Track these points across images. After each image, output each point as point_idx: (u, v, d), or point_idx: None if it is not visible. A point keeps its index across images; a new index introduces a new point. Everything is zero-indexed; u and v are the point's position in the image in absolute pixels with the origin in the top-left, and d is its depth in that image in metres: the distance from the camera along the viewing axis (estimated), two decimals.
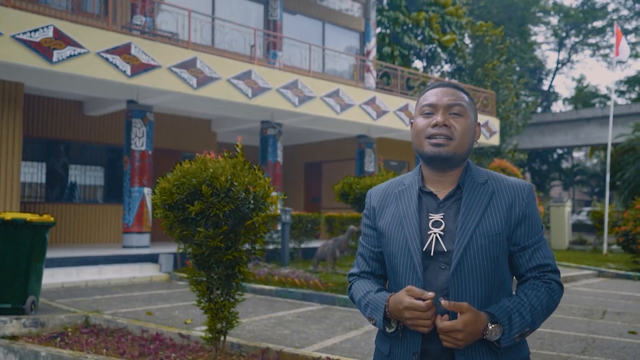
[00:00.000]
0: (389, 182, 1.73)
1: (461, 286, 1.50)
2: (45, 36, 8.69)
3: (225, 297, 4.70)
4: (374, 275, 1.71)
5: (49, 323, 5.77)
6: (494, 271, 1.53)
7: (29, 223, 5.84)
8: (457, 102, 1.58)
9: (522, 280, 1.60)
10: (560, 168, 38.89)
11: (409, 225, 1.57)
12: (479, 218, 1.53)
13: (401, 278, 1.57)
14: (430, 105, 1.59)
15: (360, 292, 1.65)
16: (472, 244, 1.51)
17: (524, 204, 1.57)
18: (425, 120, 1.59)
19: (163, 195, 4.52)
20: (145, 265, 9.71)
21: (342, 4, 17.15)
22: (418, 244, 1.54)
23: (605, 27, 38.78)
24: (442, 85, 1.63)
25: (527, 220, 1.57)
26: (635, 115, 26.47)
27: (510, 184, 1.60)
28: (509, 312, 1.48)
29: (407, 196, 1.62)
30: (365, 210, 1.75)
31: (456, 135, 1.56)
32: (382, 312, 1.54)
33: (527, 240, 1.57)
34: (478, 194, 1.57)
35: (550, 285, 1.56)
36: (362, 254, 1.74)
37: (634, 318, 7.13)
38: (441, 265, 1.53)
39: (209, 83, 10.86)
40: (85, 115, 12.90)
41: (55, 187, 12.98)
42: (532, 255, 1.58)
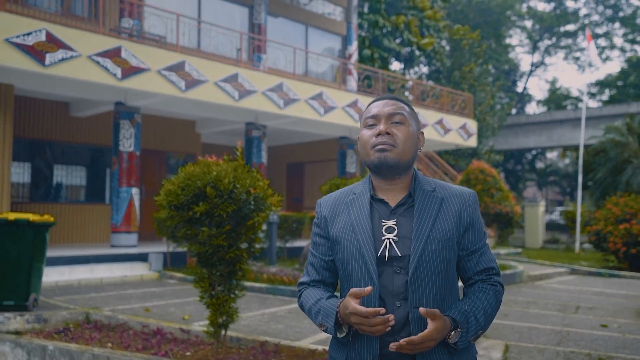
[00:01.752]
0: (339, 191, 1.77)
1: (419, 290, 1.54)
2: (38, 39, 8.83)
3: (226, 293, 4.98)
4: (324, 283, 1.73)
5: (52, 319, 5.97)
6: (446, 274, 1.58)
7: (31, 223, 6.02)
8: (398, 112, 1.63)
9: (470, 283, 1.66)
10: (534, 169, 39.82)
11: (362, 232, 1.59)
12: (432, 224, 1.58)
13: (356, 284, 1.58)
14: (373, 116, 1.65)
15: (311, 299, 1.66)
16: (427, 249, 1.55)
17: (471, 210, 1.65)
18: (369, 132, 1.64)
19: (169, 196, 4.78)
20: (135, 264, 9.90)
21: (325, 8, 17.48)
22: (372, 249, 1.56)
23: (577, 31, 39.85)
24: (383, 98, 1.69)
25: (474, 226, 1.65)
26: (606, 118, 27.31)
27: (457, 192, 1.66)
28: (467, 316, 1.54)
29: (359, 204, 1.65)
30: (316, 219, 1.76)
31: (399, 142, 1.61)
32: (333, 318, 1.55)
33: (474, 244, 1.64)
34: (429, 201, 1.62)
35: (496, 287, 1.63)
36: (312, 263, 1.75)
37: (605, 312, 7.55)
38: (396, 270, 1.56)
39: (197, 86, 11.08)
40: (72, 116, 12.98)
41: (40, 187, 13.03)
42: (479, 259, 1.65)
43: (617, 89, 37.78)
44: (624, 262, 13.08)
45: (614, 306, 8.12)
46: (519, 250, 16.60)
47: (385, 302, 1.56)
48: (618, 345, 5.64)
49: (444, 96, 18.08)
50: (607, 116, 27.63)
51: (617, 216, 13.01)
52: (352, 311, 1.47)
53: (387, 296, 1.56)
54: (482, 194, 16.32)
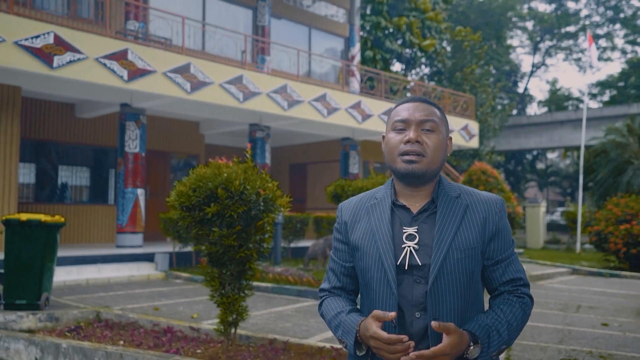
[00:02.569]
0: (360, 196, 1.72)
1: (439, 301, 1.49)
2: (46, 42, 8.95)
3: (236, 291, 5.09)
4: (345, 290, 1.68)
5: (63, 318, 6.09)
6: (469, 285, 1.52)
7: (43, 223, 6.14)
8: (430, 118, 1.57)
9: (495, 294, 1.60)
10: (535, 169, 39.93)
11: (382, 239, 1.55)
12: (455, 232, 1.52)
13: (375, 293, 1.54)
14: (403, 120, 1.58)
15: (332, 311, 1.62)
16: (448, 258, 1.49)
17: (497, 218, 1.58)
18: (398, 137, 1.57)
19: (181, 197, 4.89)
20: (141, 264, 10.02)
21: (328, 10, 17.61)
22: (392, 257, 1.51)
23: (577, 31, 39.97)
24: (414, 99, 1.62)
25: (500, 234, 1.58)
26: (607, 119, 27.40)
27: (483, 199, 1.60)
28: (488, 330, 1.47)
29: (380, 210, 1.60)
30: (337, 224, 1.72)
31: (428, 152, 1.54)
32: (353, 336, 1.51)
33: (500, 254, 1.57)
34: (452, 208, 1.56)
35: (524, 299, 1.56)
36: (333, 269, 1.71)
37: (605, 311, 7.66)
38: (416, 280, 1.51)
39: (202, 87, 11.20)
40: (77, 117, 13.11)
41: (45, 188, 13.15)
42: (505, 269, 1.57)
43: (617, 89, 37.89)
44: (624, 262, 13.18)
45: (615, 305, 8.22)
46: (521, 251, 16.71)
47: (404, 312, 1.51)
48: (619, 344, 5.74)
49: (446, 97, 18.20)
50: (608, 117, 27.72)
51: (618, 217, 13.10)
52: (372, 335, 1.43)
53: (406, 306, 1.51)
54: None
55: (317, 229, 12.90)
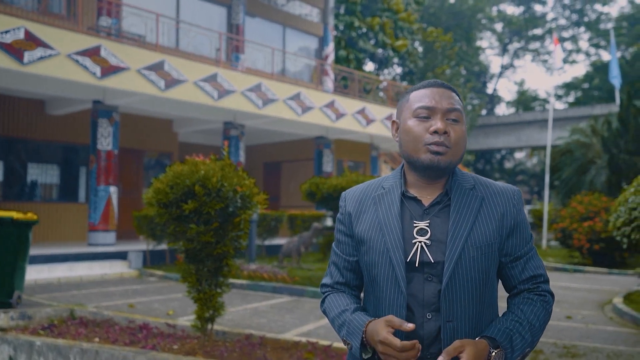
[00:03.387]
0: (365, 184, 1.58)
1: (454, 302, 1.38)
2: (16, 37, 8.82)
3: (213, 287, 5.15)
4: (349, 286, 1.57)
5: (36, 316, 6.04)
6: (484, 284, 1.42)
7: (15, 221, 6.09)
8: (455, 107, 1.45)
9: (514, 292, 1.49)
10: (503, 168, 40.75)
11: (390, 233, 1.43)
12: (470, 227, 1.41)
13: (382, 290, 1.43)
14: (428, 108, 1.44)
15: (335, 309, 1.51)
16: (463, 256, 1.39)
17: (515, 211, 1.47)
18: (422, 125, 1.44)
19: (158, 194, 4.93)
20: (114, 262, 9.95)
21: (302, 9, 17.69)
22: (401, 253, 1.40)
23: (544, 34, 40.94)
24: (436, 84, 1.48)
25: (519, 228, 1.47)
26: (572, 119, 28.15)
27: (499, 190, 1.49)
28: (510, 334, 1.37)
29: (388, 201, 1.48)
30: (340, 215, 1.58)
31: (453, 143, 1.43)
32: (359, 338, 1.40)
33: (519, 250, 1.46)
34: (467, 201, 1.45)
35: (545, 297, 1.46)
36: (335, 264, 1.58)
37: (570, 305, 7.95)
38: (427, 278, 1.40)
39: (176, 85, 11.17)
40: (47, 114, 12.91)
41: (14, 186, 12.91)
42: (524, 265, 1.47)
43: (582, 91, 38.94)
44: (588, 258, 13.60)
45: (578, 299, 8.53)
46: None
47: (413, 312, 1.39)
48: (582, 335, 6.00)
49: None
50: (573, 118, 28.48)
51: (582, 214, 13.50)
52: (383, 340, 1.31)
53: (416, 306, 1.39)
54: None
55: (291, 227, 12.99)
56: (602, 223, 12.65)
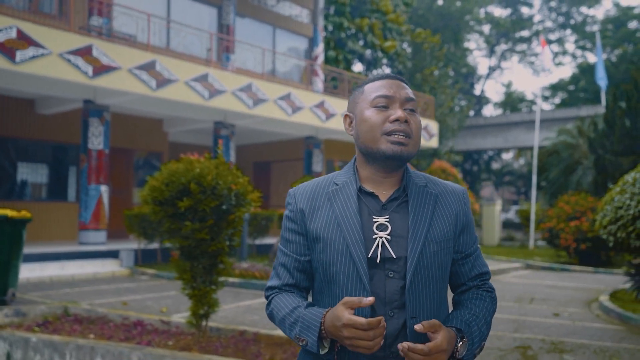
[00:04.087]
0: (314, 181, 1.53)
1: (418, 297, 1.37)
2: (8, 37, 8.81)
3: (208, 284, 5.22)
4: (298, 288, 1.49)
5: (30, 313, 6.07)
6: (443, 279, 1.43)
7: (9, 219, 6.11)
8: (412, 97, 1.45)
9: (463, 289, 1.50)
10: (490, 169, 41.09)
11: (349, 229, 1.39)
12: (429, 223, 1.41)
13: (341, 289, 1.38)
14: (386, 97, 1.42)
15: (285, 308, 1.42)
16: (425, 251, 1.38)
17: (466, 209, 1.50)
18: (381, 114, 1.41)
19: (154, 192, 4.99)
20: (106, 260, 9.97)
21: (292, 10, 17.77)
22: (362, 249, 1.36)
23: (531, 36, 41.37)
24: (391, 77, 1.47)
25: (468, 227, 1.50)
26: (559, 121, 28.49)
27: (450, 189, 1.50)
28: (470, 326, 1.38)
29: (343, 196, 1.44)
30: (289, 212, 1.51)
31: (413, 133, 1.42)
32: (316, 331, 1.32)
33: (469, 247, 1.49)
34: (423, 197, 1.44)
35: (492, 294, 1.50)
36: (284, 264, 1.49)
37: (557, 303, 8.12)
38: (389, 274, 1.37)
39: (167, 85, 11.20)
40: (37, 113, 12.87)
41: (3, 185, 12.86)
42: (474, 263, 1.49)
43: (568, 93, 39.40)
44: (574, 257, 13.80)
45: (565, 297, 8.69)
46: None
47: (375, 311, 1.36)
48: (569, 332, 6.14)
49: None
50: (560, 119, 28.82)
51: (569, 214, 13.70)
52: (347, 322, 1.25)
53: (378, 304, 1.36)
54: None
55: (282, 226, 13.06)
56: (589, 223, 12.84)
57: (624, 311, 7.01)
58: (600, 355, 5.12)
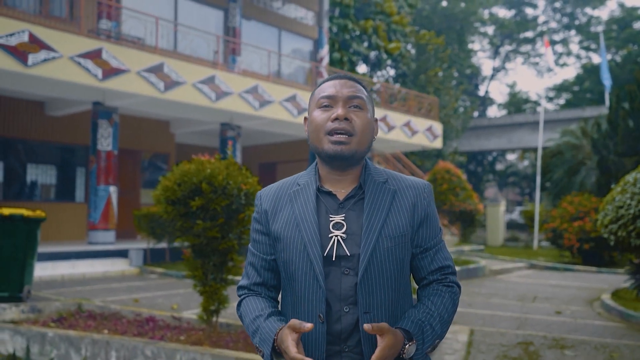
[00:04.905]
0: (280, 182, 1.57)
1: (370, 293, 1.39)
2: (20, 40, 9.01)
3: (218, 281, 5.39)
4: (266, 286, 1.54)
5: (46, 309, 6.24)
6: (400, 275, 1.44)
7: (25, 218, 6.29)
8: (357, 95, 1.46)
9: (424, 283, 1.51)
10: (495, 170, 41.16)
11: (307, 228, 1.43)
12: (384, 219, 1.43)
13: (300, 286, 1.43)
14: (329, 97, 1.45)
15: (250, 314, 1.48)
16: (378, 247, 1.40)
17: (425, 203, 1.50)
18: (324, 114, 1.45)
19: (166, 192, 5.16)
20: (115, 260, 10.15)
21: (297, 13, 17.95)
22: (318, 248, 1.40)
23: (535, 37, 41.42)
24: (339, 77, 1.50)
25: (428, 220, 1.50)
26: (563, 121, 28.55)
27: (411, 183, 1.51)
28: (422, 326, 1.39)
29: (304, 197, 1.48)
30: (256, 213, 1.57)
31: (357, 130, 1.43)
32: (270, 346, 1.38)
33: (429, 241, 1.49)
34: (380, 194, 1.46)
35: (453, 289, 1.49)
36: (252, 264, 1.55)
37: (559, 302, 8.24)
38: (344, 271, 1.41)
39: (175, 87, 11.38)
40: (47, 115, 13.07)
41: (13, 186, 13.07)
42: (434, 257, 1.49)
43: (573, 93, 39.43)
44: (578, 257, 13.89)
45: (568, 296, 8.81)
46: (482, 247, 17.39)
47: (331, 307, 1.40)
48: (570, 329, 6.27)
49: (411, 99, 18.77)
50: (564, 120, 28.88)
51: (572, 214, 13.79)
52: (284, 349, 1.32)
53: (334, 300, 1.40)
54: (448, 193, 17.05)
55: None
56: (592, 223, 12.92)
57: (625, 309, 7.13)
58: (601, 351, 5.24)
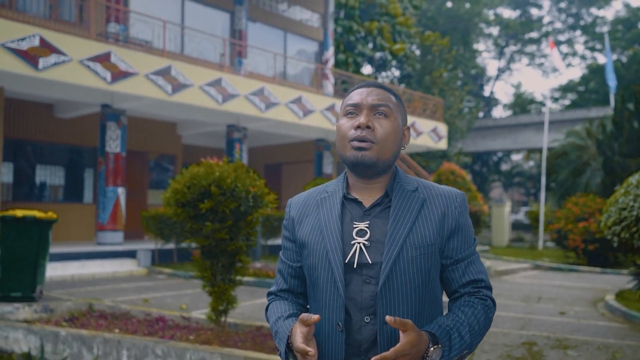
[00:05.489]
0: (311, 190, 1.58)
1: (390, 303, 1.36)
2: (31, 44, 9.16)
3: (227, 282, 5.50)
4: (293, 293, 1.54)
5: (57, 309, 6.38)
6: (424, 286, 1.39)
7: (37, 220, 6.43)
8: (383, 103, 1.45)
9: (455, 296, 1.46)
10: (500, 170, 41.14)
11: (330, 235, 1.42)
12: (410, 227, 1.39)
13: (322, 293, 1.42)
14: (354, 105, 1.46)
15: (273, 316, 1.49)
16: (402, 256, 1.37)
17: (457, 212, 1.45)
18: (349, 122, 1.45)
19: (176, 194, 5.28)
20: (124, 260, 10.29)
21: (303, 15, 18.07)
22: (340, 255, 1.39)
23: (540, 37, 41.39)
24: (367, 84, 1.49)
25: (460, 231, 1.45)
26: (568, 122, 28.54)
27: (442, 192, 1.47)
28: (449, 332, 1.34)
29: (330, 203, 1.48)
30: (285, 221, 1.57)
31: (379, 138, 1.42)
32: (284, 343, 1.38)
33: (460, 253, 1.44)
34: (408, 202, 1.43)
35: (486, 302, 1.43)
36: (280, 271, 1.57)
37: (563, 302, 8.31)
38: (366, 280, 1.38)
39: (182, 89, 11.52)
40: (56, 117, 13.24)
41: (23, 187, 13.24)
42: (465, 269, 1.44)
43: (578, 94, 39.38)
44: (582, 258, 13.93)
45: (572, 297, 8.88)
46: (487, 248, 17.45)
47: (351, 316, 1.38)
48: (573, 329, 6.35)
49: (416, 100, 18.85)
50: (569, 120, 28.86)
51: (577, 215, 13.84)
52: (293, 342, 1.32)
53: (354, 309, 1.38)
54: None
55: None
56: (597, 224, 12.94)
57: (629, 310, 7.20)
58: (604, 351, 5.32)
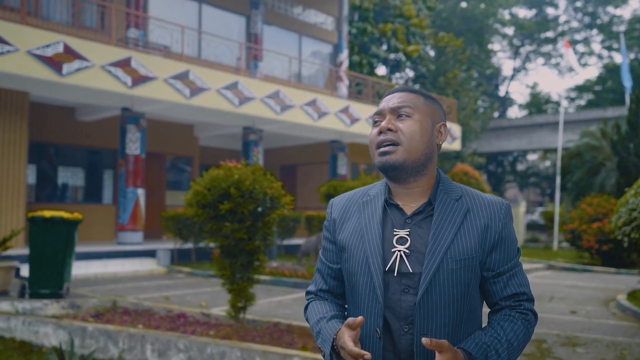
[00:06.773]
0: (353, 191, 1.57)
1: (428, 315, 1.34)
2: (56, 51, 9.50)
3: (245, 280, 5.74)
4: (333, 294, 1.54)
5: (84, 306, 6.67)
6: (463, 298, 1.37)
7: (64, 220, 6.72)
8: (404, 104, 1.43)
9: (496, 309, 1.44)
10: (515, 170, 40.99)
11: (370, 241, 1.41)
12: (451, 239, 1.37)
13: (360, 299, 1.41)
14: (378, 112, 1.47)
15: (315, 316, 1.49)
16: (442, 268, 1.35)
17: (501, 225, 1.42)
18: (374, 130, 1.46)
19: (197, 196, 5.53)
20: (144, 259, 10.59)
21: (317, 18, 18.30)
22: (380, 262, 1.37)
23: (556, 37, 41.16)
24: (392, 91, 1.50)
25: (503, 243, 1.42)
26: (584, 122, 28.40)
27: (487, 202, 1.44)
28: (486, 350, 1.33)
29: (371, 208, 1.46)
30: (326, 221, 1.57)
31: (403, 139, 1.40)
32: (330, 345, 1.38)
33: (502, 265, 1.41)
34: (451, 212, 1.41)
35: (527, 316, 1.41)
36: (320, 270, 1.57)
37: (575, 302, 8.42)
38: (404, 289, 1.36)
39: (200, 93, 11.81)
40: (77, 120, 13.61)
41: (45, 188, 13.63)
42: (507, 282, 1.42)
43: (594, 93, 39.10)
44: (597, 258, 13.97)
45: (584, 297, 8.98)
46: None
47: (390, 325, 1.37)
48: (584, 328, 6.48)
49: None
50: (585, 120, 28.71)
51: (591, 215, 13.88)
52: (342, 345, 1.32)
53: (393, 319, 1.37)
54: None
55: (309, 227, 13.57)
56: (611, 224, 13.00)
57: (639, 309, 7.30)
58: (612, 349, 5.44)
